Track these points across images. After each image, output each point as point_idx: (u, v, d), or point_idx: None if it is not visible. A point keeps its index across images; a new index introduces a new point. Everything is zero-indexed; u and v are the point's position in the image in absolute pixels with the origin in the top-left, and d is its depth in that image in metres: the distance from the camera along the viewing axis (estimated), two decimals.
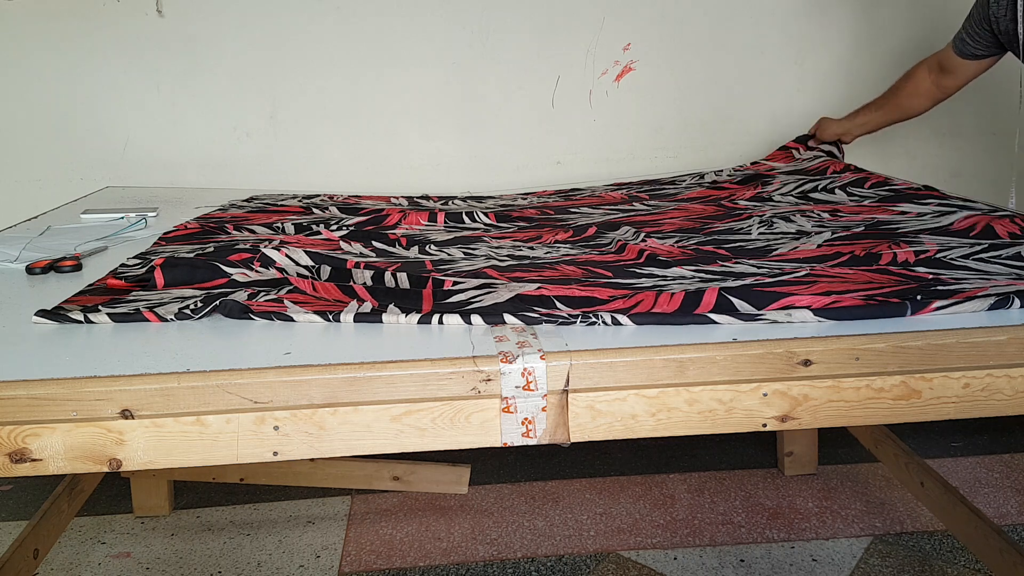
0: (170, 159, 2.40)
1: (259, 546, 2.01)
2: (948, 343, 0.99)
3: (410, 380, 0.95)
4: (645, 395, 0.98)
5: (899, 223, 1.52)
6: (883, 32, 2.48)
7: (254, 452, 0.96)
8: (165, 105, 2.37)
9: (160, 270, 1.27)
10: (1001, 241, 1.36)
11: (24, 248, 1.52)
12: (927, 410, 1.02)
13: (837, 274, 1.23)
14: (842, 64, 2.49)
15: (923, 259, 1.28)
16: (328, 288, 1.22)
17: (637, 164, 2.34)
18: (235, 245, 1.44)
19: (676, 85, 2.47)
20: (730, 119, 2.50)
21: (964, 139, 2.56)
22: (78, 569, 1.94)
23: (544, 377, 0.96)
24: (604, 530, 2.03)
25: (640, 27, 2.40)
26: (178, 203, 2.00)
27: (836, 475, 2.25)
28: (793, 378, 0.99)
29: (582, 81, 2.40)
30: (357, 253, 1.47)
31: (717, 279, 1.23)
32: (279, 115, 2.40)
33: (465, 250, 1.50)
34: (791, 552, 1.93)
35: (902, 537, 1.97)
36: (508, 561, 1.92)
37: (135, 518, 2.14)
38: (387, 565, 1.92)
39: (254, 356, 0.98)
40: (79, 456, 0.94)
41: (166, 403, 0.93)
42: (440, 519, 2.10)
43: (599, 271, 1.32)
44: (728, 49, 2.46)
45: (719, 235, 1.53)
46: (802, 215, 1.63)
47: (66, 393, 0.92)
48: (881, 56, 2.50)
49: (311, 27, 2.36)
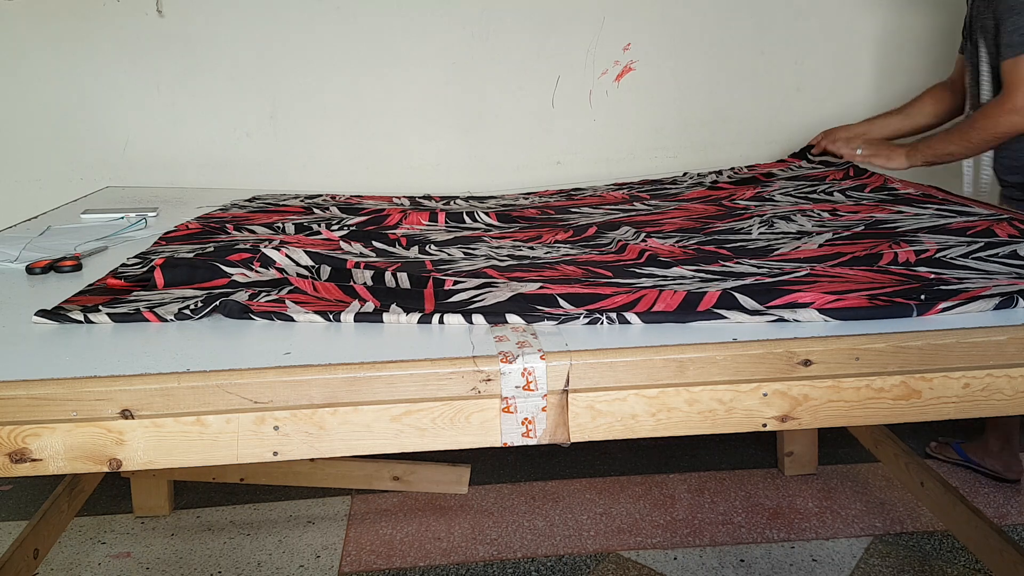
0: (170, 159, 2.40)
1: (259, 546, 2.01)
2: (948, 343, 0.99)
3: (410, 380, 0.95)
4: (645, 395, 0.98)
5: (898, 222, 1.52)
6: (883, 32, 2.48)
7: (254, 452, 0.96)
8: (165, 105, 2.37)
9: (160, 270, 1.26)
10: (999, 240, 1.36)
11: (24, 248, 1.52)
12: (927, 410, 1.02)
13: (838, 274, 1.23)
14: (842, 64, 2.49)
15: (924, 259, 1.28)
16: (329, 288, 1.22)
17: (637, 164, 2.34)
18: (235, 245, 1.44)
19: (676, 85, 2.47)
20: (730, 119, 2.50)
21: None
22: (78, 569, 1.94)
23: (544, 377, 0.96)
24: (604, 530, 2.03)
25: (640, 27, 2.40)
26: (178, 203, 2.00)
27: (836, 475, 2.25)
28: (793, 378, 0.99)
29: (582, 81, 2.40)
30: (357, 253, 1.47)
31: (717, 279, 1.23)
32: (279, 115, 2.40)
33: (465, 250, 1.50)
34: (791, 552, 1.93)
35: (902, 537, 1.97)
36: (508, 561, 1.92)
37: (135, 518, 2.14)
38: (387, 565, 1.92)
39: (254, 356, 0.98)
40: (79, 456, 0.94)
41: (166, 403, 0.93)
42: (440, 519, 2.10)
43: (599, 271, 1.32)
44: (728, 49, 2.46)
45: (720, 235, 1.53)
46: (803, 215, 1.63)
47: (66, 393, 0.92)
48: (881, 56, 2.50)
49: (311, 27, 2.36)
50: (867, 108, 2.52)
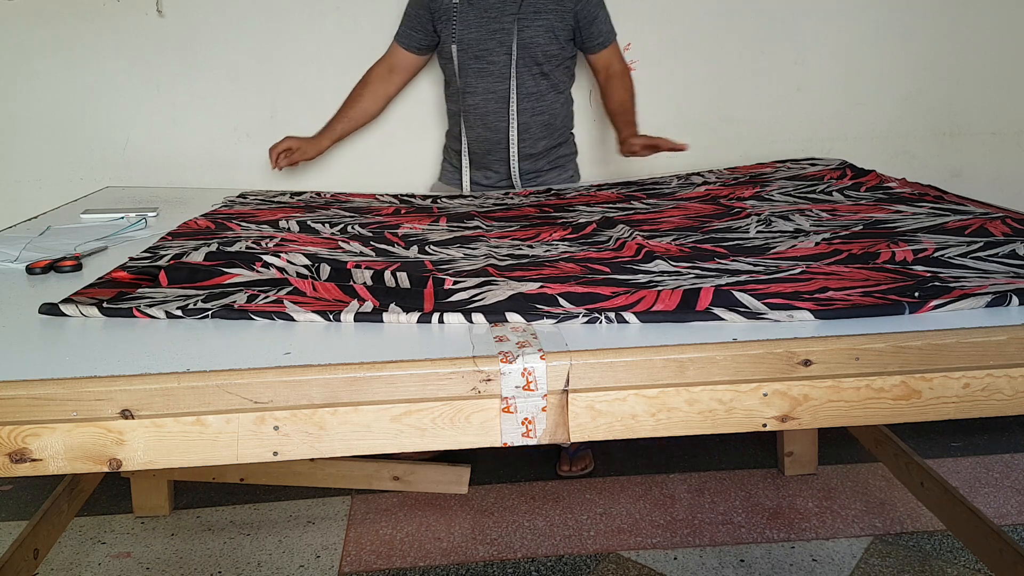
0: (170, 159, 2.40)
1: (259, 546, 2.01)
2: (948, 343, 0.99)
3: (410, 380, 0.95)
4: (645, 395, 0.98)
5: (897, 222, 1.52)
6: (883, 32, 2.48)
7: (254, 452, 0.96)
8: (165, 105, 2.37)
9: (164, 272, 1.28)
10: (997, 239, 1.36)
11: (24, 248, 1.52)
12: (927, 410, 1.02)
13: (834, 272, 1.23)
14: (842, 64, 2.49)
15: (921, 258, 1.28)
16: (328, 288, 1.22)
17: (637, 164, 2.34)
18: (236, 242, 1.45)
19: (676, 85, 2.47)
20: (730, 119, 2.50)
21: (964, 139, 2.56)
22: (78, 569, 1.94)
23: (544, 377, 0.96)
24: (604, 530, 2.03)
25: (640, 27, 2.40)
26: (178, 203, 2.00)
27: (836, 475, 2.25)
28: (793, 378, 0.99)
29: (582, 81, 2.40)
30: (357, 253, 1.47)
31: (712, 275, 1.23)
32: (279, 115, 2.40)
33: (464, 250, 1.50)
34: (791, 552, 1.93)
35: (902, 537, 1.97)
36: (508, 561, 1.92)
37: (135, 518, 2.15)
38: (387, 565, 1.92)
39: (254, 356, 0.98)
40: (79, 456, 0.94)
41: (166, 403, 0.93)
42: (440, 519, 2.10)
43: (597, 267, 1.33)
44: (728, 49, 2.46)
45: (717, 233, 1.54)
46: (800, 214, 1.63)
47: (66, 393, 0.92)
48: (881, 56, 2.50)
49: (311, 27, 2.36)
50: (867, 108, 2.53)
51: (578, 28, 2.15)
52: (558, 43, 2.14)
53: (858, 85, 2.50)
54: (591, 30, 2.16)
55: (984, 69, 2.51)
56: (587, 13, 2.14)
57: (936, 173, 2.21)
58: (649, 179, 2.20)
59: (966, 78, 2.52)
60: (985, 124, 2.55)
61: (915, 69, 2.50)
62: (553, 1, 2.11)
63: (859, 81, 2.50)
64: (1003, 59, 2.52)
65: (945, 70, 2.51)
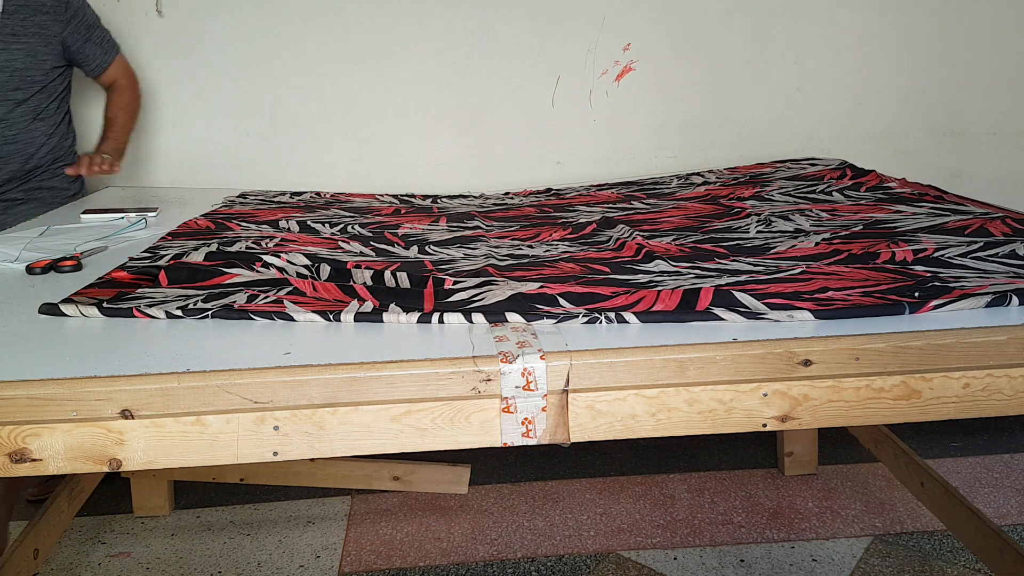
0: (170, 159, 2.40)
1: (259, 546, 2.01)
2: (948, 343, 0.99)
3: (410, 380, 0.95)
4: (645, 395, 0.98)
5: (897, 222, 1.52)
6: (883, 32, 2.48)
7: (254, 452, 0.96)
8: (165, 105, 2.37)
9: (164, 272, 1.28)
10: (997, 239, 1.36)
11: (24, 248, 1.52)
12: (927, 410, 1.02)
13: (834, 271, 1.23)
14: (842, 64, 2.49)
15: (921, 258, 1.28)
16: (328, 288, 1.22)
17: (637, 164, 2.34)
18: (236, 242, 1.45)
19: (676, 85, 2.47)
20: (730, 119, 2.50)
21: (964, 139, 2.56)
22: (78, 569, 1.94)
23: (544, 377, 0.96)
24: (604, 530, 2.03)
25: (640, 27, 2.40)
26: (178, 203, 2.00)
27: (836, 475, 2.25)
28: (793, 378, 0.99)
29: (582, 81, 2.41)
30: (357, 253, 1.47)
31: (712, 275, 1.23)
32: (279, 115, 2.40)
33: (464, 250, 1.50)
34: (791, 552, 1.93)
35: (902, 537, 1.97)
36: (508, 561, 1.92)
37: (135, 518, 2.14)
38: (387, 565, 1.92)
39: (254, 356, 0.98)
40: (79, 456, 0.94)
41: (166, 403, 0.93)
42: (440, 519, 2.10)
43: (597, 267, 1.33)
44: (728, 49, 2.46)
45: (717, 233, 1.54)
46: (800, 214, 1.63)
47: (66, 393, 0.92)
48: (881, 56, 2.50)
49: (311, 27, 2.36)
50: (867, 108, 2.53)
51: (68, 55, 2.10)
52: (41, 70, 2.05)
53: (858, 85, 2.50)
54: (84, 54, 2.12)
55: (984, 69, 2.51)
56: (75, 38, 2.08)
57: (936, 173, 2.20)
58: (649, 179, 2.20)
59: (966, 78, 2.52)
60: (985, 124, 2.55)
61: (915, 69, 2.50)
62: (36, 25, 2.02)
63: (859, 81, 2.50)
64: (1003, 59, 2.52)
65: (945, 70, 2.51)
